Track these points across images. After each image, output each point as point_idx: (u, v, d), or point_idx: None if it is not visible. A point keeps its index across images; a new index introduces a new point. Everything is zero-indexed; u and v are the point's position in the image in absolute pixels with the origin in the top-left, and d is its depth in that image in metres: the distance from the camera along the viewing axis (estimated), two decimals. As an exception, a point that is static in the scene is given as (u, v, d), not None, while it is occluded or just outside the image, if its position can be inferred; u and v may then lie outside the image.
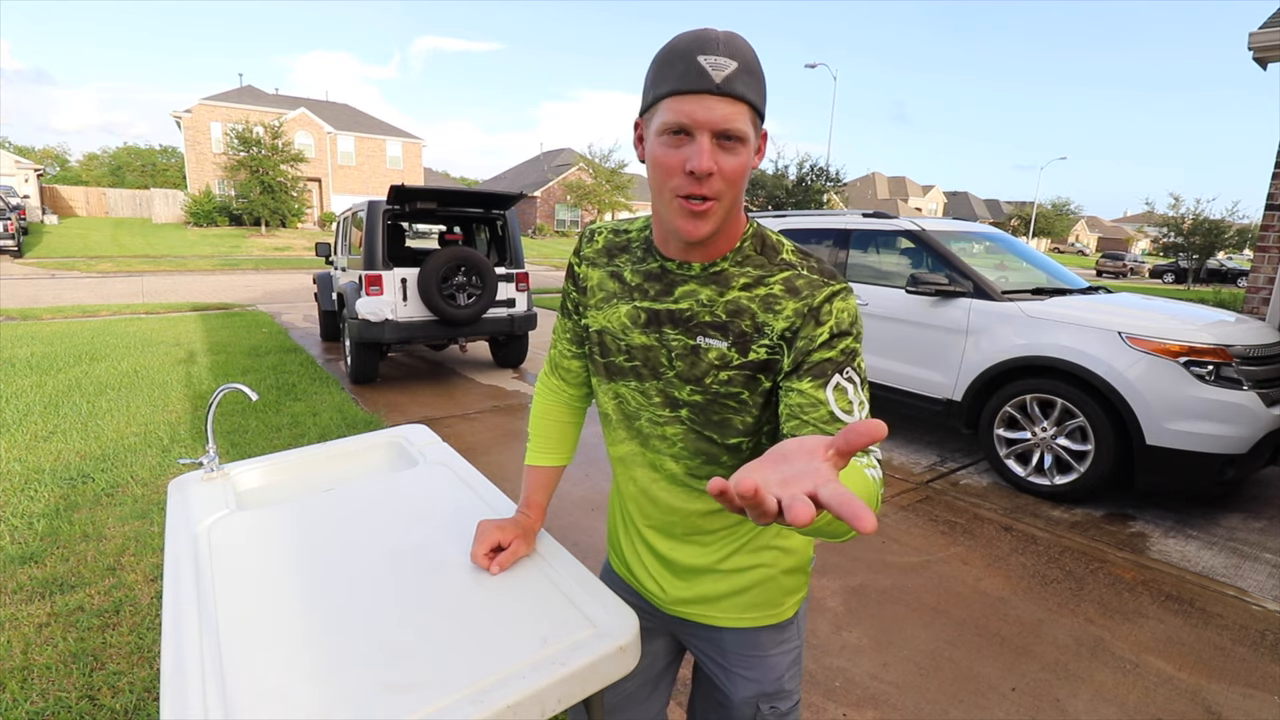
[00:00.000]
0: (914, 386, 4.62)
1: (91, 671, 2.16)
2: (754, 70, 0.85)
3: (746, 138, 0.85)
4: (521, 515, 1.23)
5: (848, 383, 0.91)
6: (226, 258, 21.99)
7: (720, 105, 0.83)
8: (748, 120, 0.85)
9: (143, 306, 10.75)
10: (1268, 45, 4.82)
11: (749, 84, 0.84)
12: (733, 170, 0.86)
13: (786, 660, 1.18)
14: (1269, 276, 4.98)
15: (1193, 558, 3.26)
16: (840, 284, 0.95)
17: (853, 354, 0.93)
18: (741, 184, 0.89)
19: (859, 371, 0.93)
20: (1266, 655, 2.51)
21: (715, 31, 0.84)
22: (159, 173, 61.16)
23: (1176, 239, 29.32)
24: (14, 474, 3.69)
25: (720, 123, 0.83)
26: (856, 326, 0.95)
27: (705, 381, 0.99)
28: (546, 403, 1.29)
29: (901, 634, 2.58)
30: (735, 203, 0.91)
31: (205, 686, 0.88)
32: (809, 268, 0.96)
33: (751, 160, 0.89)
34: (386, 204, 5.96)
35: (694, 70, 0.83)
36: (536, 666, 0.93)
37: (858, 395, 0.92)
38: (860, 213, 5.32)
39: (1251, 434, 3.46)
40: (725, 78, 0.82)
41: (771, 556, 1.12)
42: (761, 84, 0.87)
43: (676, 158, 0.86)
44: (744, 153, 0.86)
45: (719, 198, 0.88)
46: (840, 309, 0.93)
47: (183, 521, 1.32)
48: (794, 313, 0.93)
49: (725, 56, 0.82)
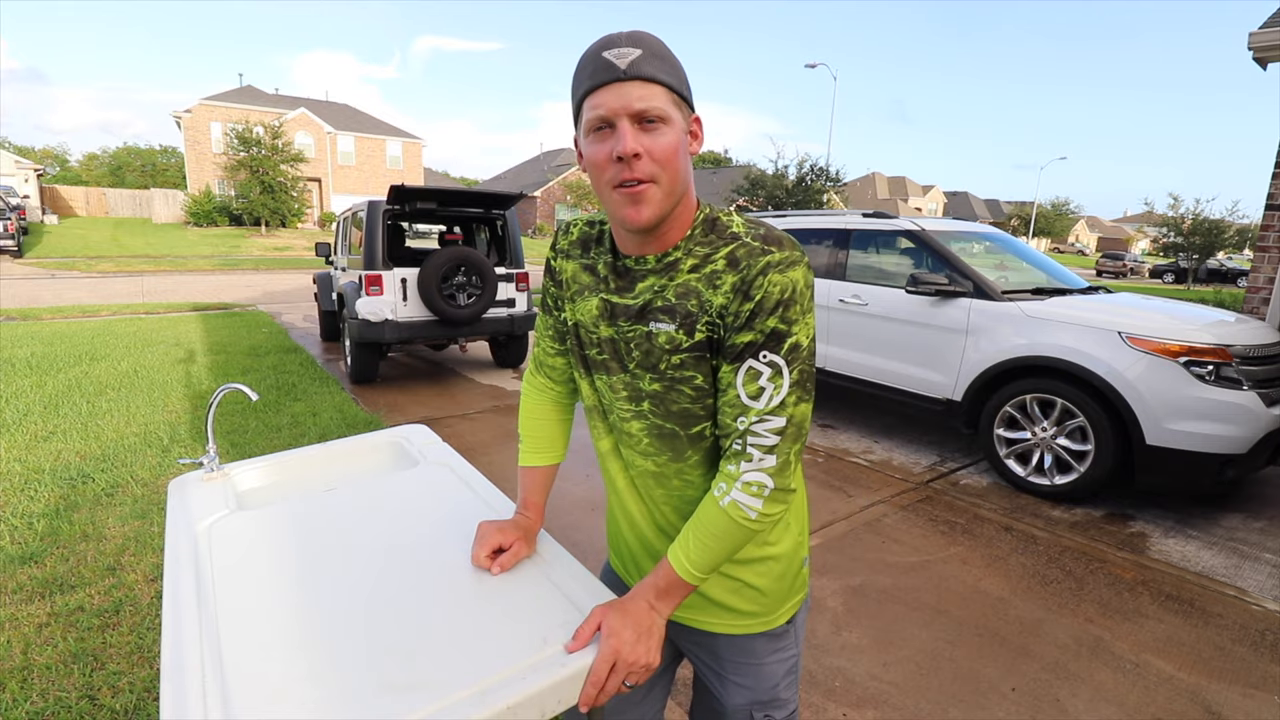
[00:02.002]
0: (914, 386, 4.62)
1: (91, 671, 2.16)
2: (662, 55, 0.87)
3: (667, 117, 0.87)
4: (520, 516, 1.22)
5: (765, 366, 0.89)
6: (226, 258, 21.99)
7: (631, 89, 0.85)
8: (665, 100, 0.87)
9: (143, 306, 10.76)
10: (1267, 45, 4.82)
11: (658, 66, 0.86)
12: (661, 150, 0.87)
13: (782, 669, 1.16)
14: (1269, 276, 4.98)
15: (1193, 558, 3.25)
16: (782, 253, 0.89)
17: (776, 335, 0.88)
18: (676, 164, 0.89)
19: (783, 354, 0.89)
20: (1266, 655, 2.51)
21: (619, 32, 0.88)
22: (159, 173, 61.16)
23: (1176, 239, 29.31)
24: (14, 474, 3.69)
25: (635, 104, 0.86)
26: (791, 306, 0.88)
27: (660, 368, 0.99)
28: (534, 402, 1.28)
29: (901, 634, 2.58)
30: (675, 186, 0.90)
31: (205, 686, 0.88)
32: (753, 236, 0.92)
33: (685, 143, 0.91)
34: (386, 204, 5.97)
35: (602, 65, 0.86)
36: (536, 667, 0.93)
37: (773, 382, 0.89)
38: (860, 213, 5.32)
39: (1251, 434, 3.46)
40: (630, 63, 0.85)
41: (761, 565, 1.10)
42: (674, 67, 0.88)
43: (604, 150, 0.88)
44: (669, 132, 0.87)
45: (653, 179, 0.88)
46: (773, 283, 0.88)
47: (183, 521, 1.32)
48: (731, 287, 0.91)
49: (629, 46, 0.86)
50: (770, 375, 0.89)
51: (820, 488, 4.03)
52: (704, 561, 0.96)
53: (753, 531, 0.94)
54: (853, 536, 3.38)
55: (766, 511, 0.93)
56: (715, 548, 0.95)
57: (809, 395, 0.93)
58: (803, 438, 0.93)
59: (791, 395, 0.90)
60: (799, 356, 0.90)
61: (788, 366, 0.89)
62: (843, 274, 5.16)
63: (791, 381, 0.90)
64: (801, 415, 0.92)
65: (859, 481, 4.16)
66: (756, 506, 0.92)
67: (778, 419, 0.90)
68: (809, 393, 0.93)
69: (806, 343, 0.91)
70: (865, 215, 5.24)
